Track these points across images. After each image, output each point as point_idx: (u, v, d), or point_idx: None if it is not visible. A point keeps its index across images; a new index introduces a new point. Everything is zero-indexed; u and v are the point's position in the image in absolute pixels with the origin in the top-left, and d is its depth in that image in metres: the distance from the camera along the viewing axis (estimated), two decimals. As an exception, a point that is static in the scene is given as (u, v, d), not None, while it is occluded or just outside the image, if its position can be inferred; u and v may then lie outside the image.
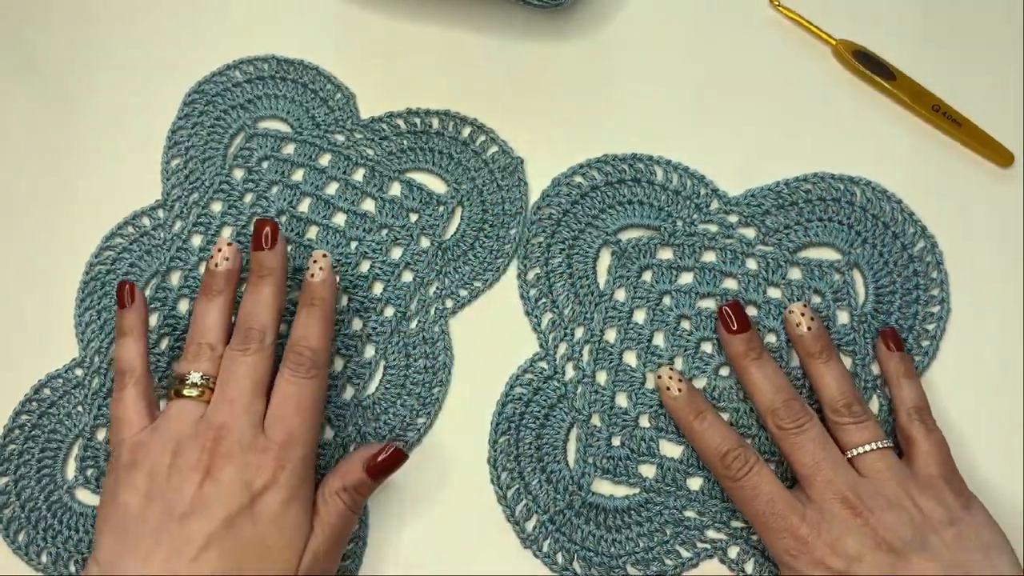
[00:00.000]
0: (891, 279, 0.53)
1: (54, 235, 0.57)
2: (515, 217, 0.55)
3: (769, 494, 0.46)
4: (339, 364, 0.53)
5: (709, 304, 0.53)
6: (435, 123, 0.57)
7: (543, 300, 0.54)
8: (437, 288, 0.54)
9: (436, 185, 0.56)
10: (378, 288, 0.54)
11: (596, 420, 0.51)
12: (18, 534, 0.52)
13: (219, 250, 0.50)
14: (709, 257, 0.54)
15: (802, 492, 0.46)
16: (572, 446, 0.52)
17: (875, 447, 0.46)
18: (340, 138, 0.57)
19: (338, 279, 0.53)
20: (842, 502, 0.45)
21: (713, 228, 0.54)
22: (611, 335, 0.53)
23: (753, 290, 0.53)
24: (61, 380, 0.54)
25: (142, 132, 0.58)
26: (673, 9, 0.60)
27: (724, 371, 0.52)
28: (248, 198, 0.56)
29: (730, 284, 0.53)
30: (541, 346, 0.53)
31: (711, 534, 0.50)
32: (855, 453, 0.47)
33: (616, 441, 0.51)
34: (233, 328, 0.49)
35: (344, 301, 0.54)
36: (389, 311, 0.54)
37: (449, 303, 0.54)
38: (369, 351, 0.53)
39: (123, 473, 0.45)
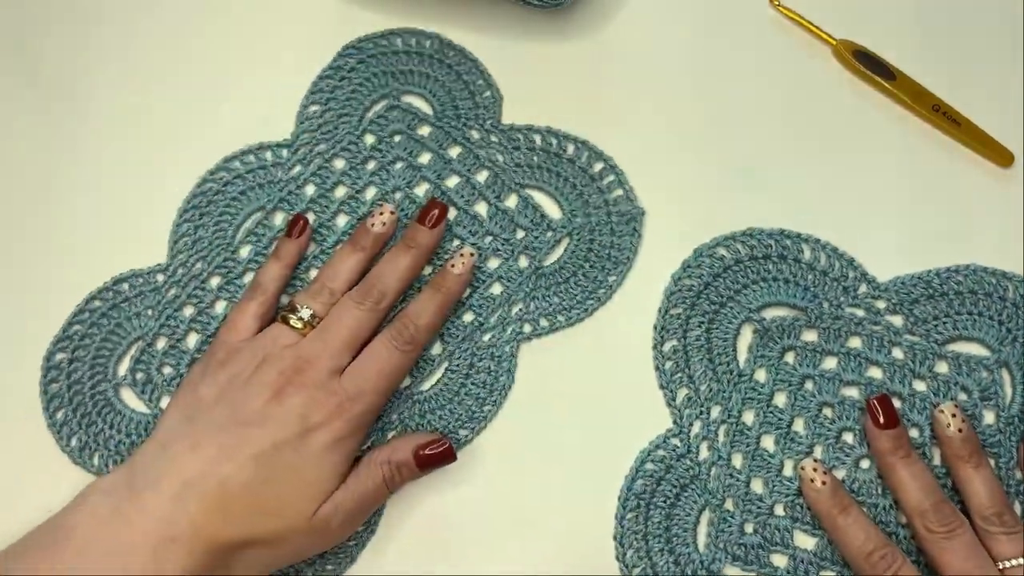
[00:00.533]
0: (1042, 382, 0.51)
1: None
2: (619, 266, 0.53)
3: None
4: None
5: (852, 392, 0.51)
6: (570, 149, 0.55)
7: (679, 374, 0.52)
8: (521, 309, 0.53)
9: (552, 209, 0.54)
10: (466, 292, 0.53)
11: (729, 504, 0.49)
12: (57, 412, 0.52)
13: (381, 213, 0.52)
14: (855, 343, 0.52)
15: None
16: (703, 529, 0.50)
17: None
18: (475, 135, 0.56)
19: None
20: None
21: (860, 313, 0.52)
22: (749, 417, 0.51)
23: (898, 381, 0.50)
24: (141, 280, 0.54)
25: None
26: (673, 9, 0.59)
27: (865, 463, 0.50)
28: (371, 165, 0.55)
29: (875, 373, 0.51)
30: (675, 422, 0.51)
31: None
32: (1006, 565, 0.45)
33: (749, 528, 0.49)
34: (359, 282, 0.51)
35: (430, 294, 0.53)
36: (468, 316, 0.53)
37: (527, 328, 0.52)
38: (437, 348, 0.52)
39: (212, 368, 0.48)
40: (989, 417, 0.50)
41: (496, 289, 0.53)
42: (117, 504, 0.43)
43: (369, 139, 0.56)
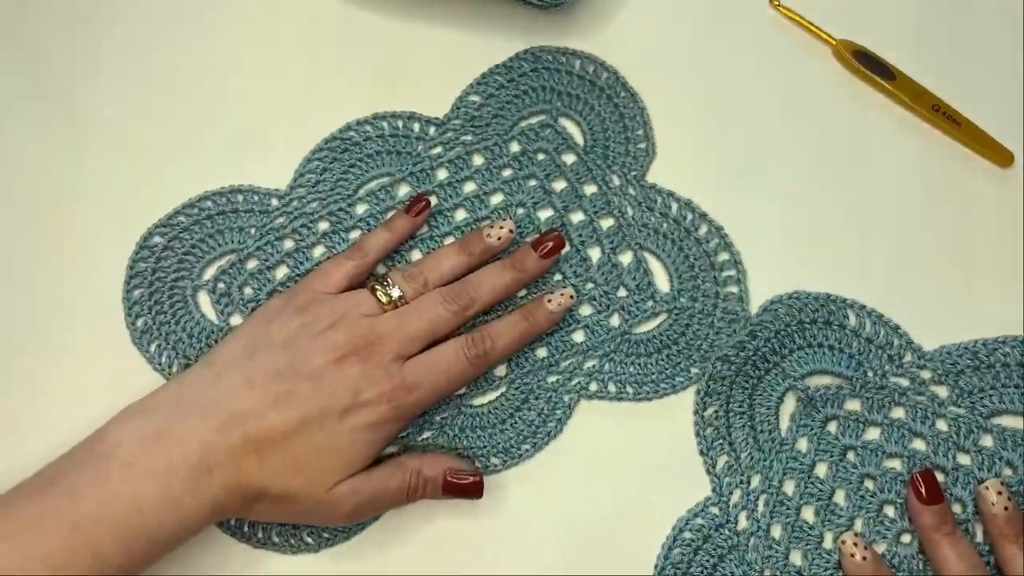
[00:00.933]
0: (1086, 459, 0.50)
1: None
2: (705, 361, 0.52)
3: None
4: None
5: (895, 464, 0.50)
6: (703, 230, 0.54)
7: (720, 441, 0.51)
8: (594, 366, 0.52)
9: (663, 281, 0.54)
10: (551, 329, 0.52)
11: None
12: (135, 290, 0.52)
13: (501, 227, 0.52)
14: (898, 413, 0.51)
15: None
16: None
17: None
18: (616, 180, 0.55)
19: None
20: None
21: (904, 383, 0.52)
22: (789, 487, 0.50)
23: (942, 454, 0.50)
24: (257, 197, 0.54)
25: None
26: (673, 9, 0.59)
27: (906, 538, 0.49)
28: (507, 172, 0.55)
29: (918, 445, 0.51)
30: (714, 490, 0.50)
31: None
32: None
33: None
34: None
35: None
36: (542, 352, 0.52)
37: (594, 386, 0.51)
38: (501, 370, 0.52)
39: (289, 311, 0.47)
40: None
41: (579, 337, 0.52)
42: (161, 424, 0.43)
43: (514, 147, 0.55)
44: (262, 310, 0.48)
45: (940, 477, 0.49)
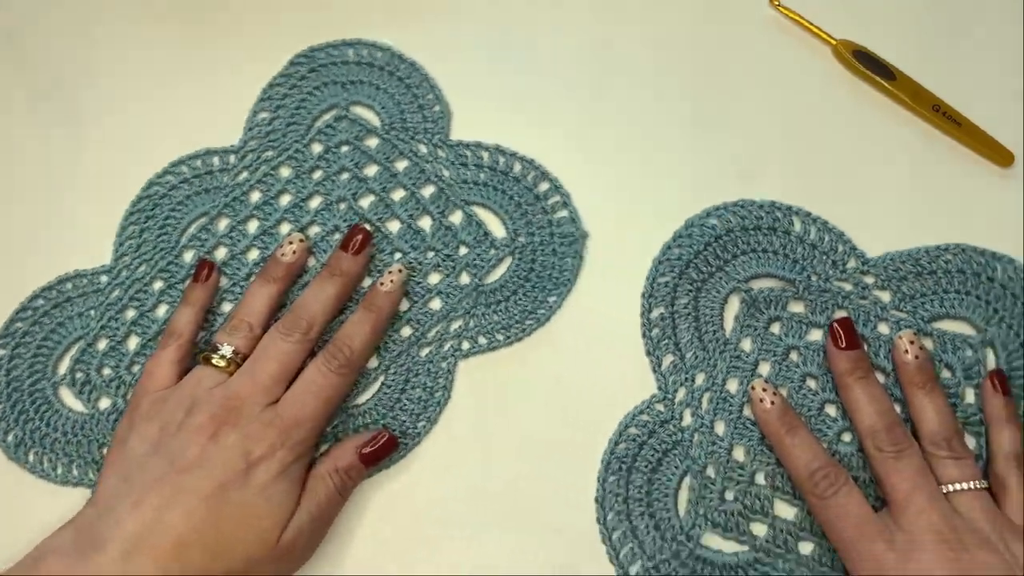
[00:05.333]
0: (1025, 363, 0.50)
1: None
2: (559, 287, 0.52)
3: (858, 516, 0.44)
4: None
5: None
6: (517, 167, 0.55)
7: (665, 341, 0.51)
8: (460, 326, 0.52)
9: (497, 227, 0.54)
10: (404, 305, 0.52)
11: (711, 471, 0.49)
12: (3, 424, 0.52)
13: (289, 242, 0.52)
14: (841, 316, 0.51)
15: (891, 519, 0.44)
16: (683, 495, 0.49)
17: (972, 487, 0.45)
18: (423, 149, 0.56)
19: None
20: (935, 534, 0.43)
21: (848, 287, 0.52)
22: (733, 385, 0.50)
23: (883, 356, 0.50)
24: (85, 280, 0.54)
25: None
26: (673, 9, 0.59)
27: (847, 436, 0.49)
28: (317, 175, 0.55)
29: None
30: (660, 388, 0.51)
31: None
32: (950, 489, 0.45)
33: (729, 495, 0.49)
34: (282, 313, 0.51)
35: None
36: (407, 331, 0.52)
37: (466, 345, 0.52)
38: (373, 362, 0.52)
39: (138, 422, 0.47)
40: (971, 396, 0.50)
41: (436, 304, 0.52)
42: (71, 566, 0.42)
43: (316, 148, 0.56)
44: (115, 439, 0.47)
45: (881, 378, 0.49)
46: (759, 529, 0.48)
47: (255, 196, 0.55)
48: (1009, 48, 0.57)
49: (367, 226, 0.53)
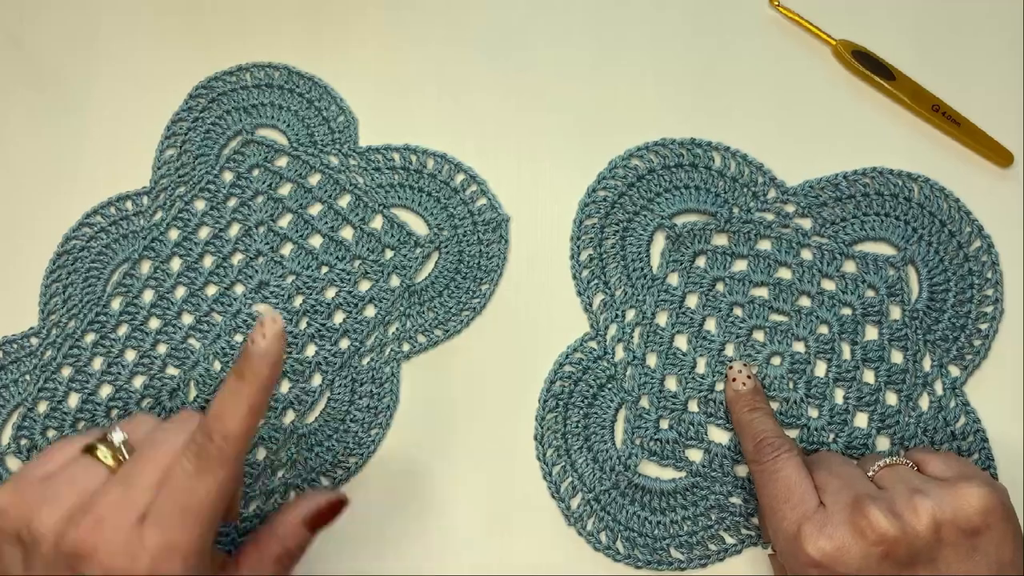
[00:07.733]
0: (945, 277, 0.52)
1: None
2: (490, 274, 0.53)
3: (788, 478, 0.44)
4: (285, 387, 0.52)
5: (762, 292, 0.52)
6: (430, 164, 0.55)
7: (595, 281, 0.53)
8: (397, 329, 0.52)
9: (419, 226, 0.54)
10: (339, 318, 0.53)
11: (645, 402, 0.51)
12: None
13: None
14: (764, 245, 0.53)
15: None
16: (620, 427, 0.51)
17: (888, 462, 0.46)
18: (334, 161, 0.56)
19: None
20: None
21: (769, 217, 0.53)
22: (662, 319, 0.52)
23: (807, 281, 0.52)
24: (15, 346, 0.53)
25: (141, 126, 0.57)
26: (673, 9, 0.59)
27: (775, 360, 0.51)
28: (232, 202, 0.55)
29: (784, 274, 0.52)
30: (592, 326, 0.52)
31: (756, 521, 0.49)
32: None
33: (664, 424, 0.50)
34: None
35: (303, 325, 0.52)
36: (344, 343, 0.52)
37: (406, 347, 0.52)
38: (316, 379, 0.52)
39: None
40: (895, 312, 0.51)
41: (370, 312, 0.52)
42: None
43: (228, 176, 0.56)
44: None
45: (806, 302, 0.51)
46: (695, 455, 0.50)
47: (173, 234, 0.55)
48: (1009, 48, 0.57)
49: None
